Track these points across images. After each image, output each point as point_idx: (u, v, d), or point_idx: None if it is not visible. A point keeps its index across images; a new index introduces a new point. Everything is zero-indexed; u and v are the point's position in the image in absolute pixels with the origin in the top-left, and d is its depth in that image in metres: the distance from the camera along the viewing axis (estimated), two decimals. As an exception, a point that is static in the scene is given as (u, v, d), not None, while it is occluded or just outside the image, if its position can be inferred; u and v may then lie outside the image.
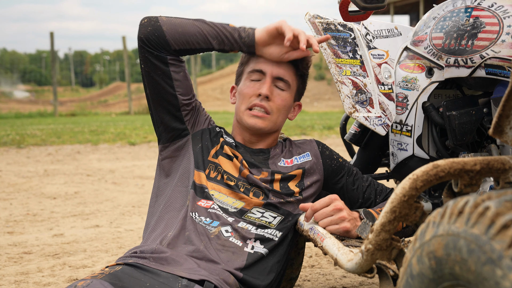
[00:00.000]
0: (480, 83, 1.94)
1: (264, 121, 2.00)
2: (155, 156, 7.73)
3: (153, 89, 1.97)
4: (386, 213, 1.30)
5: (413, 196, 1.28)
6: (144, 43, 1.92)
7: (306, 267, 2.97)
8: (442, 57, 1.96)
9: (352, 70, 2.09)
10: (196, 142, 2.01)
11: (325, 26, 2.12)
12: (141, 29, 1.92)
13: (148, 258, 1.73)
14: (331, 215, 1.83)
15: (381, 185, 2.15)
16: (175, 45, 1.93)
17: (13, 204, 4.65)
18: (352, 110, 2.05)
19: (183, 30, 1.93)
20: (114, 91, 42.45)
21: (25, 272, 2.88)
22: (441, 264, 1.03)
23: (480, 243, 0.93)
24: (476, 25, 1.87)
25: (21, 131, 11.26)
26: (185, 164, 1.99)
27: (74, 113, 18.49)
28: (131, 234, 3.69)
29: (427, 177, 1.25)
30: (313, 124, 12.11)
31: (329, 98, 27.10)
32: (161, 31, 1.91)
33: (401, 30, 2.24)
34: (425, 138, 2.09)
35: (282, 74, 2.01)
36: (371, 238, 1.35)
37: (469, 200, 1.00)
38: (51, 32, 17.23)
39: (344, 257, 1.53)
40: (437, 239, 1.04)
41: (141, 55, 1.95)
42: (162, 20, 1.93)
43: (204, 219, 1.87)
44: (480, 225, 0.94)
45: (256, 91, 2.00)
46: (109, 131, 11.12)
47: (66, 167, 6.77)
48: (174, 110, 1.99)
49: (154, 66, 1.94)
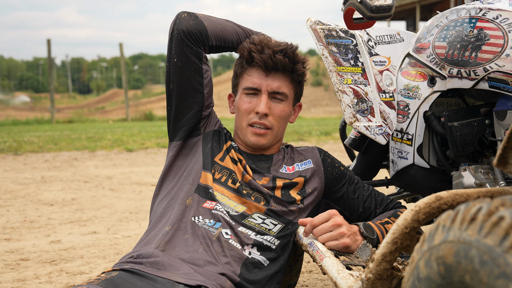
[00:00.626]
0: (482, 95, 1.92)
1: (266, 137, 2.00)
2: (152, 163, 7.72)
3: (181, 85, 1.97)
4: (387, 244, 1.29)
5: (414, 228, 1.26)
6: (186, 36, 1.92)
7: (304, 273, 2.96)
8: (445, 67, 1.94)
9: (354, 78, 2.07)
10: (206, 143, 2.01)
11: (326, 32, 2.10)
12: (182, 22, 1.92)
13: (145, 264, 1.72)
14: (330, 230, 1.81)
15: (382, 195, 2.13)
16: (213, 41, 1.96)
17: (10, 211, 4.63)
18: (353, 120, 2.04)
19: (222, 27, 1.98)
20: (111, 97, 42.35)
21: (22, 279, 2.87)
22: (450, 271, 1.00)
23: (493, 255, 0.89)
24: (481, 37, 1.84)
25: (18, 138, 11.24)
26: (193, 164, 1.98)
27: (72, 120, 18.45)
28: (129, 240, 3.68)
29: (430, 209, 1.24)
30: (310, 130, 12.11)
31: (326, 104, 27.09)
32: (203, 25, 1.93)
33: (403, 36, 2.22)
34: (426, 147, 2.08)
35: (277, 87, 1.98)
36: (372, 268, 1.33)
37: (482, 207, 0.96)
38: (48, 39, 17.22)
39: (343, 282, 1.49)
40: (447, 245, 1.01)
41: (178, 48, 1.93)
42: (201, 16, 1.96)
43: (208, 221, 1.86)
44: (494, 235, 0.90)
45: (253, 108, 1.99)
46: (107, 138, 11.10)
47: (63, 174, 6.75)
48: (197, 108, 2.00)
49: (190, 61, 1.94)
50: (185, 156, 2.01)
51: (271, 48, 1.95)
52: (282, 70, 1.97)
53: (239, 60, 2.03)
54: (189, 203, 1.89)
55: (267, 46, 1.95)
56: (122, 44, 18.84)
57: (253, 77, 1.98)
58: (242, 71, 2.02)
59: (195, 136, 2.02)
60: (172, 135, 2.04)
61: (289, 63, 1.96)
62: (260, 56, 1.94)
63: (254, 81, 1.98)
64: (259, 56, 1.94)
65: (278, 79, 1.98)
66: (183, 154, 2.02)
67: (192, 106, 1.99)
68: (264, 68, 1.96)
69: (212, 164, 1.97)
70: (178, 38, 1.92)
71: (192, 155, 2.01)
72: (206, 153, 1.99)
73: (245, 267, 1.81)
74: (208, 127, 2.05)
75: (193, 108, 1.99)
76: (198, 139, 2.02)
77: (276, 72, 1.97)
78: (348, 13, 1.96)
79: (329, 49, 2.07)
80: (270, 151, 2.08)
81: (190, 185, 1.94)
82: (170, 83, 1.98)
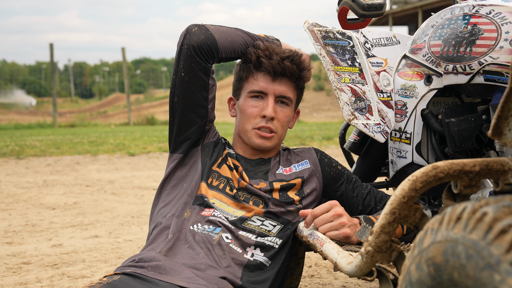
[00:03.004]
0: (478, 90, 1.94)
1: (271, 141, 2.03)
2: (154, 167, 7.73)
3: (186, 99, 1.97)
4: (385, 215, 1.30)
5: (412, 198, 1.27)
6: (196, 51, 1.91)
7: (306, 277, 2.96)
8: (441, 64, 1.96)
9: (351, 77, 2.09)
10: (205, 154, 2.03)
11: (323, 34, 2.12)
12: (192, 37, 1.91)
13: (146, 267, 1.73)
14: (331, 221, 1.83)
15: (381, 193, 2.15)
16: (223, 54, 1.96)
17: (12, 215, 4.64)
18: (351, 117, 2.05)
19: (232, 39, 1.97)
20: (114, 102, 42.48)
21: (24, 282, 2.87)
22: (439, 271, 1.03)
23: (478, 248, 0.92)
24: (474, 32, 1.87)
25: (21, 142, 11.26)
26: (192, 175, 2.00)
27: (74, 124, 18.48)
28: (130, 244, 3.68)
29: (427, 178, 1.25)
30: (312, 135, 12.12)
31: (328, 109, 27.12)
32: (213, 39, 1.93)
33: (399, 39, 2.25)
34: (424, 145, 2.09)
35: (284, 92, 2.02)
36: (371, 240, 1.34)
37: (467, 206, 0.99)
38: (51, 43, 17.25)
39: (343, 260, 1.52)
40: (435, 245, 1.03)
41: (186, 63, 1.93)
42: (211, 28, 1.95)
43: (207, 227, 1.87)
44: (478, 230, 0.93)
45: (259, 112, 2.01)
46: (109, 142, 11.12)
47: (65, 178, 6.76)
48: (201, 123, 2.01)
49: (197, 76, 1.95)
50: (184, 167, 2.03)
51: (278, 55, 1.98)
52: (289, 76, 2.01)
53: (244, 64, 2.05)
54: (187, 216, 1.90)
55: (274, 52, 1.99)
56: (125, 48, 18.89)
57: (260, 81, 2.01)
58: (248, 75, 2.04)
59: (196, 146, 2.05)
60: (173, 148, 2.05)
61: (297, 69, 2.01)
62: (269, 62, 1.97)
63: (261, 85, 2.00)
64: (268, 62, 1.97)
65: (284, 84, 2.02)
66: (183, 165, 2.04)
67: (196, 120, 2.01)
68: (272, 74, 1.99)
69: (210, 173, 1.99)
70: (187, 53, 1.92)
71: (190, 165, 2.02)
72: (205, 164, 2.01)
73: (247, 269, 1.81)
74: (207, 139, 2.07)
75: (196, 122, 2.01)
76: (197, 150, 2.04)
77: (282, 78, 2.01)
78: (342, 13, 2.04)
79: (326, 50, 2.09)
80: (268, 155, 2.10)
81: (188, 196, 1.95)
82: (174, 96, 1.99)
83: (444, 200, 1.31)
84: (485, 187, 1.92)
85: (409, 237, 1.98)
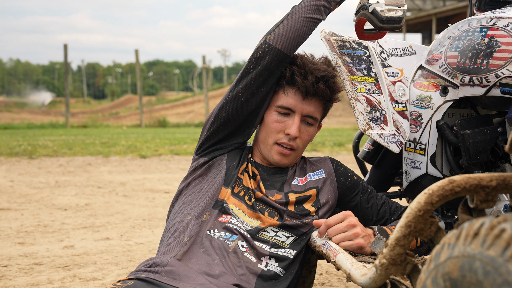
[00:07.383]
0: (494, 102, 1.93)
1: (289, 158, 2.02)
2: (165, 170, 7.75)
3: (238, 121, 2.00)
4: (401, 228, 1.30)
5: (428, 211, 1.27)
6: (269, 71, 1.96)
7: (317, 285, 2.96)
8: (457, 76, 1.95)
9: (367, 87, 2.09)
10: (231, 159, 2.02)
11: (340, 43, 2.12)
12: (259, 62, 1.96)
13: (160, 273, 1.73)
14: (345, 231, 1.82)
15: (395, 204, 2.14)
16: (291, 50, 1.97)
17: (24, 215, 4.67)
18: (366, 127, 2.05)
19: (295, 32, 1.97)
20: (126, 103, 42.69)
21: (35, 283, 2.89)
22: (456, 286, 1.03)
23: (496, 265, 0.92)
24: (492, 44, 1.87)
25: (33, 141, 11.33)
26: (214, 177, 1.99)
27: (86, 125, 18.59)
28: (141, 247, 3.69)
29: (443, 192, 1.24)
30: (323, 141, 12.09)
31: (340, 115, 27.06)
32: (277, 51, 1.95)
33: (415, 49, 2.24)
34: (439, 156, 2.09)
35: (311, 112, 2.00)
36: (386, 253, 1.34)
37: (485, 222, 0.99)
38: (65, 44, 17.37)
39: (357, 272, 1.52)
40: (452, 260, 1.03)
41: (265, 76, 1.97)
42: (271, 40, 1.96)
43: (224, 234, 1.87)
44: (496, 247, 0.93)
45: (283, 128, 1.99)
46: (120, 144, 11.17)
47: (77, 179, 6.80)
48: (241, 141, 2.04)
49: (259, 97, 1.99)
50: (208, 168, 2.02)
51: (314, 75, 1.96)
52: (321, 97, 2.00)
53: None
54: (206, 218, 1.90)
55: (310, 72, 1.96)
56: (138, 50, 18.98)
57: (290, 97, 1.99)
58: (278, 88, 2.02)
59: (224, 153, 2.05)
60: (202, 152, 2.05)
61: (329, 93, 2.00)
62: (303, 82, 1.95)
63: (290, 102, 1.98)
64: (302, 81, 1.95)
65: (313, 105, 2.00)
66: (207, 166, 2.03)
67: (238, 139, 2.04)
68: (303, 93, 1.97)
69: (234, 178, 1.99)
70: (265, 74, 1.97)
71: (214, 167, 2.02)
72: (228, 168, 2.00)
73: (260, 279, 1.81)
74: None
75: (238, 140, 2.04)
76: (224, 155, 2.04)
77: (313, 98, 1.99)
78: (359, 24, 2.03)
79: (342, 59, 2.09)
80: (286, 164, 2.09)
81: (209, 199, 1.94)
82: (223, 111, 2.00)
83: (460, 215, 1.31)
84: (500, 200, 1.91)
85: (422, 249, 1.97)
